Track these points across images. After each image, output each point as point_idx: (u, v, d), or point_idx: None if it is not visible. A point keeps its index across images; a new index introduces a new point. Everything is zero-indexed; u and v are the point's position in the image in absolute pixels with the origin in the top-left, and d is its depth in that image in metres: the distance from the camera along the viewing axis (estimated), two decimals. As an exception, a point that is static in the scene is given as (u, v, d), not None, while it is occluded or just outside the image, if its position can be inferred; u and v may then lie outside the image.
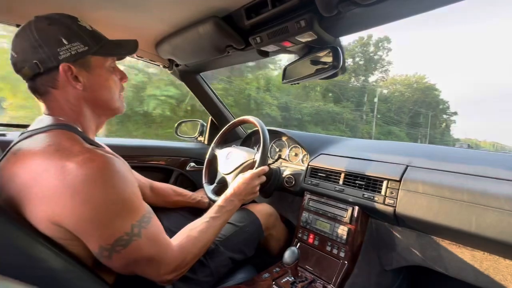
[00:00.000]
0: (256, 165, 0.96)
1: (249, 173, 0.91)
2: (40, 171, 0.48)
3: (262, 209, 1.07)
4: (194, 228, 0.70)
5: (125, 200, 0.53)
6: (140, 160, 1.38)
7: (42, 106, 0.62)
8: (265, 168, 0.96)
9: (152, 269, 0.57)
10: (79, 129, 0.61)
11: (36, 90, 0.60)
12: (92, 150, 0.53)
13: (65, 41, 0.56)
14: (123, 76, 0.70)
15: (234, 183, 0.88)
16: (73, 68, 0.58)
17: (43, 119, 0.59)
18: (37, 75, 0.57)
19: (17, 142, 0.56)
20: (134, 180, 0.57)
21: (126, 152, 1.30)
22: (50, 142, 0.52)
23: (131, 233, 0.52)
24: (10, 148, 0.57)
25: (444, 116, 47.71)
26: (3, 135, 1.07)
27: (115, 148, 0.71)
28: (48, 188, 0.47)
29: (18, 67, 0.58)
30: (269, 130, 1.09)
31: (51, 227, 0.48)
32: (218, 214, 0.77)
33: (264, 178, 0.95)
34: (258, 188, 0.91)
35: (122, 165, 0.55)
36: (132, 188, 0.55)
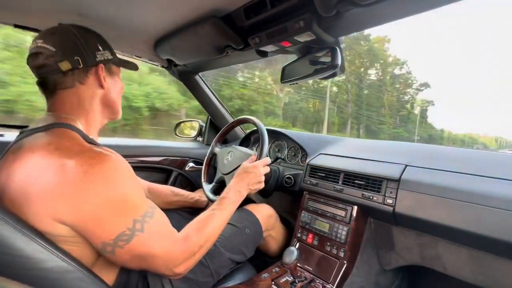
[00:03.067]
0: (258, 157, 0.96)
1: (252, 163, 0.91)
2: (40, 170, 0.49)
3: (262, 210, 1.07)
4: (200, 221, 0.71)
5: (126, 196, 0.53)
6: (139, 160, 1.38)
7: (46, 104, 0.64)
8: (267, 159, 0.96)
9: (159, 263, 0.57)
10: (81, 128, 0.62)
11: (63, 84, 0.62)
12: (92, 148, 0.54)
13: (100, 47, 0.66)
14: (122, 86, 0.77)
15: (238, 174, 0.89)
16: (104, 70, 0.67)
17: (45, 118, 0.61)
18: (72, 70, 0.61)
19: (17, 141, 0.57)
20: (135, 177, 0.58)
21: (125, 152, 1.29)
22: (50, 140, 0.53)
23: (133, 228, 0.53)
24: (10, 147, 0.57)
25: (410, 90, 29.32)
26: (1, 135, 1.07)
27: (114, 148, 0.71)
28: (49, 187, 0.47)
29: (55, 60, 0.59)
30: (267, 130, 1.09)
31: (54, 224, 0.49)
32: (223, 205, 0.78)
33: (268, 169, 0.94)
34: (263, 178, 0.91)
35: (122, 162, 0.56)
36: (133, 185, 0.56)
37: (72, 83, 0.63)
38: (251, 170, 0.88)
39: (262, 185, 0.91)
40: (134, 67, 0.78)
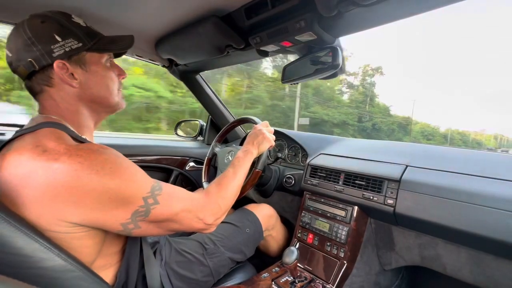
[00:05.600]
0: (257, 159, 0.96)
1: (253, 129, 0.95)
2: (29, 173, 0.47)
3: (263, 210, 1.07)
4: (218, 179, 0.74)
5: (125, 181, 0.51)
6: (139, 159, 1.38)
7: (37, 105, 0.61)
8: (266, 122, 0.99)
9: (188, 218, 0.59)
10: (70, 127, 0.59)
11: (32, 89, 0.60)
12: (78, 146, 0.52)
13: (58, 38, 0.55)
14: (121, 73, 0.69)
15: (245, 142, 0.92)
16: (68, 65, 0.57)
17: (35, 118, 0.58)
18: (33, 73, 0.57)
19: (11, 140, 0.55)
20: (128, 161, 0.55)
21: (125, 151, 1.28)
22: (37, 143, 0.51)
23: (145, 204, 0.52)
24: (3, 146, 0.55)
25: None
26: (3, 134, 1.07)
27: (114, 147, 0.71)
28: (43, 190, 0.46)
29: (13, 67, 0.57)
30: None
31: (59, 223, 0.48)
32: (237, 162, 0.81)
33: (272, 129, 0.96)
34: (268, 135, 0.92)
35: (111, 151, 0.53)
36: (129, 168, 0.54)
37: (39, 87, 0.58)
38: (254, 132, 0.92)
39: (272, 143, 0.93)
40: (120, 47, 0.65)
